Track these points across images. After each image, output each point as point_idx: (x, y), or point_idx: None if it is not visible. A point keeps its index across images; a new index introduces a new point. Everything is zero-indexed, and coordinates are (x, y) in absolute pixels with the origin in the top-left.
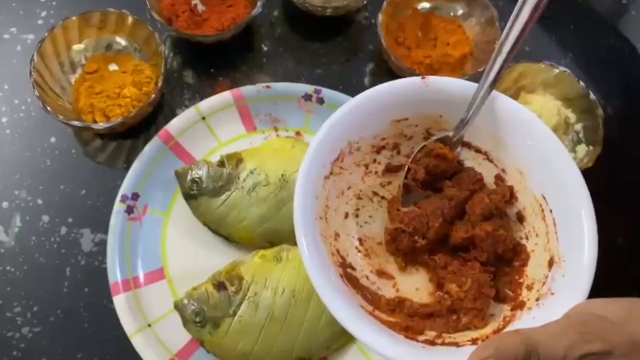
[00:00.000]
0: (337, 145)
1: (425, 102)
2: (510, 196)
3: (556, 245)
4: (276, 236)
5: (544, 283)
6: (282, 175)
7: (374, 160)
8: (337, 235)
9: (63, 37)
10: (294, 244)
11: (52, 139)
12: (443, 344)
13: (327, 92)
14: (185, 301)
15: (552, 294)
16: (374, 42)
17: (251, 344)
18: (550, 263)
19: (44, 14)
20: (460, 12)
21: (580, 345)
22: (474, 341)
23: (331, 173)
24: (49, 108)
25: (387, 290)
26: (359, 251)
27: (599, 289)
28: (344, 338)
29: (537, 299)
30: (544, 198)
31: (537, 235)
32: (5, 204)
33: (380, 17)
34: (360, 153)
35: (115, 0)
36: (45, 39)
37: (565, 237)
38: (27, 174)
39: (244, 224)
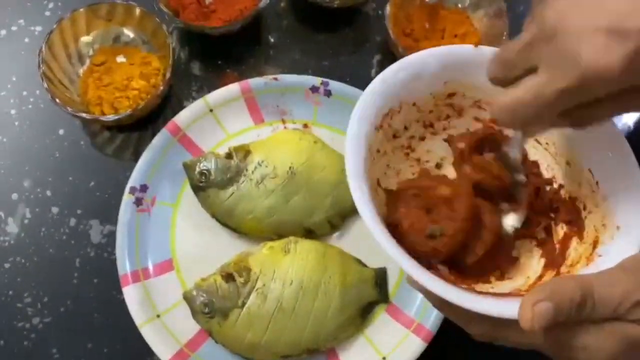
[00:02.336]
0: (389, 101)
1: (476, 70)
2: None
3: (605, 212)
4: (284, 228)
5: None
6: (290, 167)
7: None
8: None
9: (71, 29)
10: (302, 236)
11: (61, 131)
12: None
13: (334, 85)
14: (194, 292)
15: (600, 256)
16: (382, 34)
17: (259, 334)
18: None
19: (51, 5)
20: (468, 3)
21: (637, 292)
22: (516, 294)
23: (381, 126)
24: (57, 100)
25: None
26: None
27: None
28: (352, 328)
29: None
30: (590, 171)
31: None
32: (14, 196)
33: (388, 8)
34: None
35: None
36: (53, 31)
37: (614, 202)
38: (36, 166)
39: (252, 215)
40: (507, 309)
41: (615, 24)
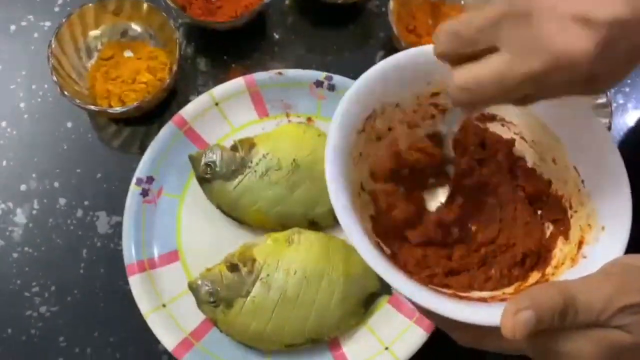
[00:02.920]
0: (370, 104)
1: None
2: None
3: (590, 212)
4: (288, 219)
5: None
6: (294, 159)
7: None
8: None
9: (80, 23)
10: (305, 227)
11: (69, 124)
12: (469, 299)
13: (338, 79)
14: (200, 282)
15: (585, 257)
16: (385, 30)
17: (263, 323)
18: (584, 230)
19: (60, 1)
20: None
21: (620, 297)
22: (502, 299)
23: (363, 130)
24: (66, 92)
25: None
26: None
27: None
28: (355, 319)
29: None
30: (576, 169)
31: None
32: (23, 187)
33: (391, 4)
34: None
35: None
36: (62, 25)
37: (599, 202)
38: (44, 158)
39: (256, 207)
40: (489, 316)
41: (591, 11)
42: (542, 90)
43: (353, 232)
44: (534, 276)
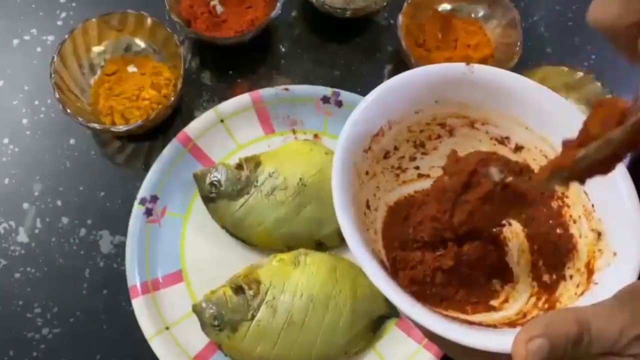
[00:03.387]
0: (377, 122)
1: (469, 89)
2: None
3: (602, 236)
4: (294, 240)
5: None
6: (301, 179)
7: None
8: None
9: (83, 38)
10: (312, 248)
11: (72, 141)
12: (480, 324)
13: (345, 95)
14: (204, 304)
15: (596, 284)
16: (393, 44)
17: (269, 348)
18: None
19: (63, 15)
20: (481, 13)
21: (635, 326)
22: (510, 324)
23: (370, 148)
24: (68, 110)
25: None
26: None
27: None
28: (362, 343)
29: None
30: (586, 194)
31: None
32: (25, 205)
33: (400, 18)
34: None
35: (135, 1)
36: (65, 41)
37: (611, 226)
38: (47, 176)
39: (261, 227)
40: (499, 341)
41: None
42: None
43: (361, 256)
44: (543, 301)
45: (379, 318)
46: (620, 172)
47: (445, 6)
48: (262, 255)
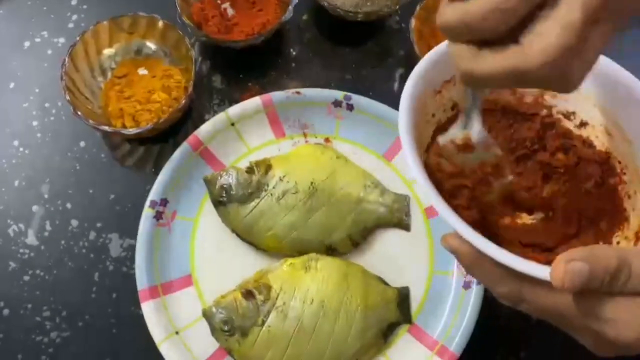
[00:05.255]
0: (451, 71)
1: None
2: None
3: None
4: (304, 245)
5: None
6: (312, 183)
7: None
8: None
9: (94, 41)
10: (323, 253)
11: (82, 143)
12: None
13: (357, 99)
14: (214, 309)
15: None
16: (405, 48)
17: (279, 355)
18: None
19: (74, 17)
20: None
21: None
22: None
23: (440, 92)
24: (79, 112)
25: None
26: None
27: None
28: (373, 350)
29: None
30: None
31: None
32: (35, 208)
33: (412, 22)
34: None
35: (146, 4)
36: (76, 44)
37: None
38: (57, 178)
39: (271, 232)
40: (538, 268)
41: None
42: None
43: (427, 189)
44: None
45: (391, 325)
46: None
47: None
48: (272, 259)
